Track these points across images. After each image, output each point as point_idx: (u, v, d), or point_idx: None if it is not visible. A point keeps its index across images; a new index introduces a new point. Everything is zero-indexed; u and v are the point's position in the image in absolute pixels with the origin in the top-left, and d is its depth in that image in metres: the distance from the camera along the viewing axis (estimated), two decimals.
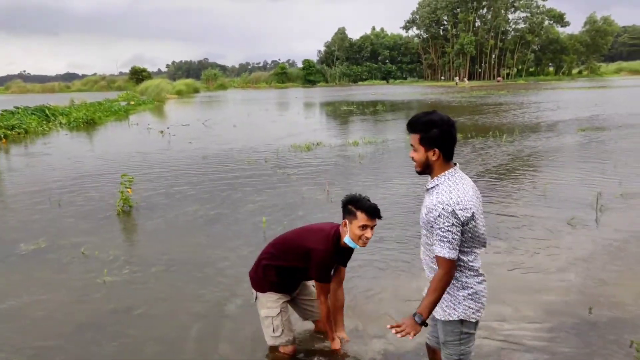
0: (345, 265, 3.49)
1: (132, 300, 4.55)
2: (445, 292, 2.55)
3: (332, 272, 3.33)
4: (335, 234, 3.23)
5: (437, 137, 2.48)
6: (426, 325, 2.46)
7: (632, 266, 4.94)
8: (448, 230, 2.39)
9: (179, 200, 8.12)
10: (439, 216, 2.41)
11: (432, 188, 2.54)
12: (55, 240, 6.25)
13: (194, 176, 10.07)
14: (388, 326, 2.51)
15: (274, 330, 3.39)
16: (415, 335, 2.43)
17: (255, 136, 16.76)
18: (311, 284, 3.67)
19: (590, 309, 4.06)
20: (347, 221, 3.16)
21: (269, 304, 3.39)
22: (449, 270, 2.45)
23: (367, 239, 3.13)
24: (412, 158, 2.57)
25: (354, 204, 3.15)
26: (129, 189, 7.61)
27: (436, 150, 2.49)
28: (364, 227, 3.10)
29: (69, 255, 5.71)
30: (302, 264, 3.27)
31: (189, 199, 8.17)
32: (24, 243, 6.12)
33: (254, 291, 3.47)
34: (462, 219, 2.40)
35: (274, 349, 3.54)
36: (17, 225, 6.98)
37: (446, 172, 2.52)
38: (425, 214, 2.52)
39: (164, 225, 6.86)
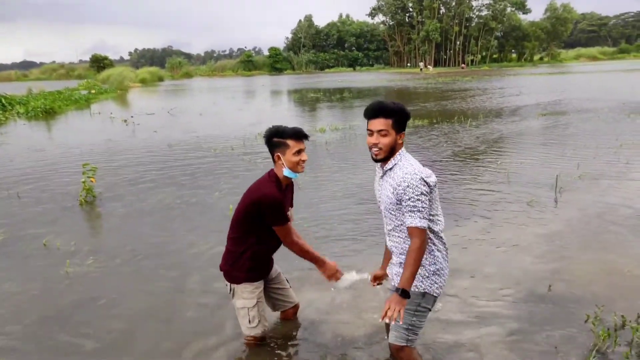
0: (292, 205, 3.41)
1: (96, 290, 4.46)
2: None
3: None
4: (272, 176, 3.20)
5: (406, 122, 2.68)
6: (409, 297, 2.55)
7: (589, 245, 5.12)
8: (418, 199, 2.53)
9: (144, 190, 7.98)
10: (408, 186, 2.54)
11: (391, 169, 2.68)
12: (14, 232, 6.07)
13: (160, 165, 9.90)
14: (380, 320, 2.56)
15: (250, 321, 3.33)
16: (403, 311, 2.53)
17: (222, 124, 16.58)
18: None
19: (550, 286, 4.19)
20: (279, 154, 3.11)
21: (245, 295, 3.30)
22: (424, 240, 2.55)
23: (304, 161, 3.13)
24: (377, 144, 2.64)
25: (279, 135, 3.10)
26: (92, 179, 7.43)
27: (403, 133, 2.68)
28: (298, 152, 3.09)
29: (29, 247, 5.56)
30: (262, 224, 3.17)
31: (154, 188, 8.04)
32: None
33: (227, 284, 3.35)
34: (430, 184, 2.56)
35: (243, 335, 3.53)
36: None
37: (399, 152, 2.70)
38: (392, 192, 2.63)
39: (129, 215, 6.74)
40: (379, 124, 2.64)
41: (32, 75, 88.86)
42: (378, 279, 3.12)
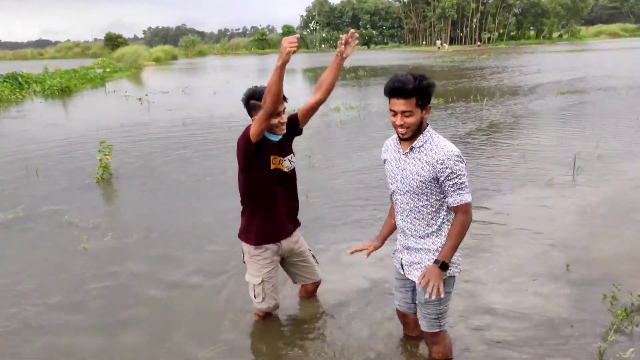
0: (289, 153, 3.31)
1: (114, 266, 4.53)
2: (432, 253, 2.64)
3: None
4: (248, 129, 3.13)
5: (430, 95, 2.54)
6: (447, 269, 2.58)
7: (607, 224, 5.06)
8: (463, 175, 2.51)
9: (160, 167, 8.03)
10: (452, 164, 2.50)
11: (421, 146, 2.58)
12: (33, 209, 6.16)
13: (174, 143, 9.95)
14: (418, 286, 2.63)
15: (255, 296, 3.40)
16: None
17: (236, 103, 16.37)
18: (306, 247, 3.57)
19: (568, 265, 4.16)
20: (256, 117, 3.02)
21: (252, 272, 3.36)
22: (471, 213, 2.58)
23: (283, 123, 3.06)
24: (403, 125, 2.51)
25: (257, 97, 3.01)
26: (108, 156, 7.49)
27: (429, 107, 2.57)
28: (276, 114, 2.98)
29: (48, 224, 5.65)
30: (252, 166, 3.19)
31: (169, 166, 8.09)
32: (2, 212, 6.02)
33: (242, 247, 3.39)
34: (464, 162, 2.56)
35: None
36: None
37: (427, 127, 2.61)
38: (429, 170, 2.53)
39: (145, 192, 6.80)
40: (401, 105, 2.47)
41: (48, 54, 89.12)
42: (372, 248, 2.92)
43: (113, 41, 72.26)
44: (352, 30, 3.09)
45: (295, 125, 3.33)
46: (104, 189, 7.09)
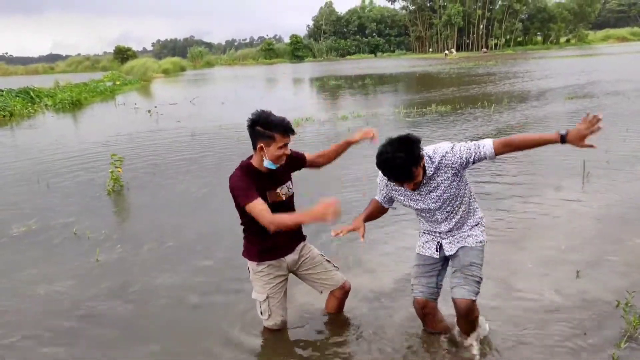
0: (283, 183, 3.31)
1: (126, 277, 4.56)
2: (477, 224, 3.04)
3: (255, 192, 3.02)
4: (242, 167, 3.13)
5: (420, 149, 2.72)
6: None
7: (617, 230, 5.01)
8: (467, 146, 2.87)
9: (170, 179, 8.09)
10: (455, 153, 2.83)
11: (433, 173, 2.88)
12: (46, 221, 6.22)
13: (184, 154, 10.02)
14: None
15: (261, 313, 3.40)
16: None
17: (243, 113, 16.44)
18: (317, 251, 3.54)
19: (578, 272, 4.13)
20: (262, 145, 3.01)
21: (257, 288, 3.36)
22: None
23: (286, 155, 3.09)
24: (414, 187, 2.84)
25: (266, 126, 3.00)
26: (119, 169, 7.57)
27: (421, 154, 2.75)
28: (283, 146, 3.01)
29: (60, 236, 5.70)
30: (245, 212, 3.14)
31: (179, 177, 8.15)
32: (15, 225, 6.10)
33: (247, 265, 3.43)
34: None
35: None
36: (6, 207, 6.93)
37: (424, 158, 2.84)
38: (453, 172, 2.83)
39: (156, 204, 6.85)
40: (408, 182, 2.78)
41: (59, 68, 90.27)
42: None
43: (122, 54, 73.15)
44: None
45: (301, 163, 3.46)
46: (114, 200, 7.15)
